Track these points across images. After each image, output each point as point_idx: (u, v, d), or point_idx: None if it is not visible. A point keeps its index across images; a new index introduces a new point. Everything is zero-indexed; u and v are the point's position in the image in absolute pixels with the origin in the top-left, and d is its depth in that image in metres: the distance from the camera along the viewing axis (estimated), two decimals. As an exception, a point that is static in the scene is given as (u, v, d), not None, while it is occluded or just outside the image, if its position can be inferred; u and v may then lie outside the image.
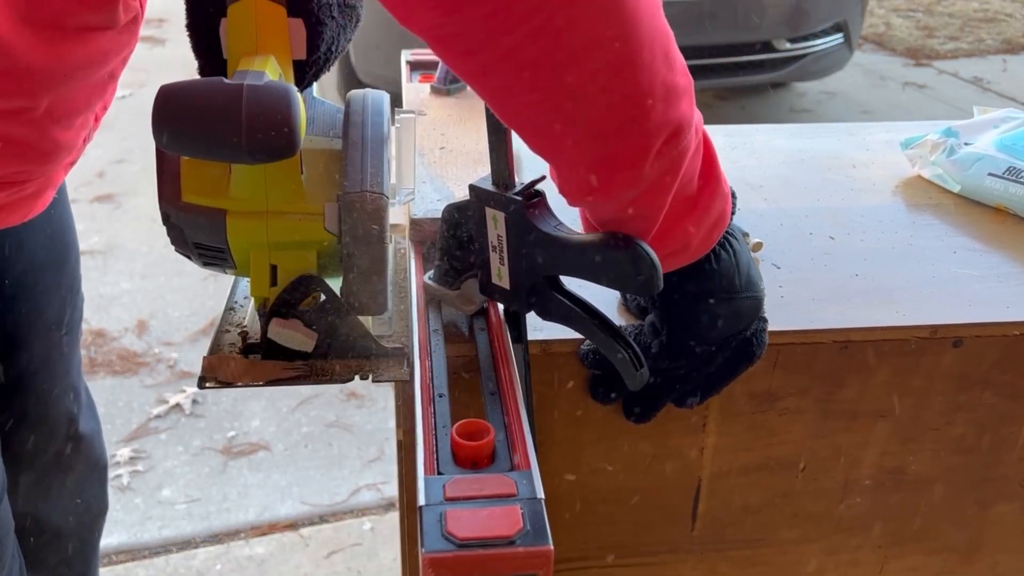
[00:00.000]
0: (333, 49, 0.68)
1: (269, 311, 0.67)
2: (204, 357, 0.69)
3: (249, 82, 0.56)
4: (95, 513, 1.11)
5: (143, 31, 0.77)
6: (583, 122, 0.53)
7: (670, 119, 0.54)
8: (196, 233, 0.67)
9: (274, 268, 0.67)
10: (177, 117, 0.56)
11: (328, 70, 0.70)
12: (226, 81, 0.57)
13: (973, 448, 0.79)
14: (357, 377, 0.67)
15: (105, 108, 0.81)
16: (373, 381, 0.67)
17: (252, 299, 0.73)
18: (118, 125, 3.53)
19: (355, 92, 0.69)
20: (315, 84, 0.73)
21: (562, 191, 0.59)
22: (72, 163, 0.80)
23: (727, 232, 0.64)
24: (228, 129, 0.55)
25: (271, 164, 0.63)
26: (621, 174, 0.54)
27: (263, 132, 0.56)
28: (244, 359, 0.68)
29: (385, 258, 0.66)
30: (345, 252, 0.65)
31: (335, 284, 0.68)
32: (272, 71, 0.61)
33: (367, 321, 0.71)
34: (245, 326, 0.73)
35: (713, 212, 0.61)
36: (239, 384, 0.67)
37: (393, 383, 0.70)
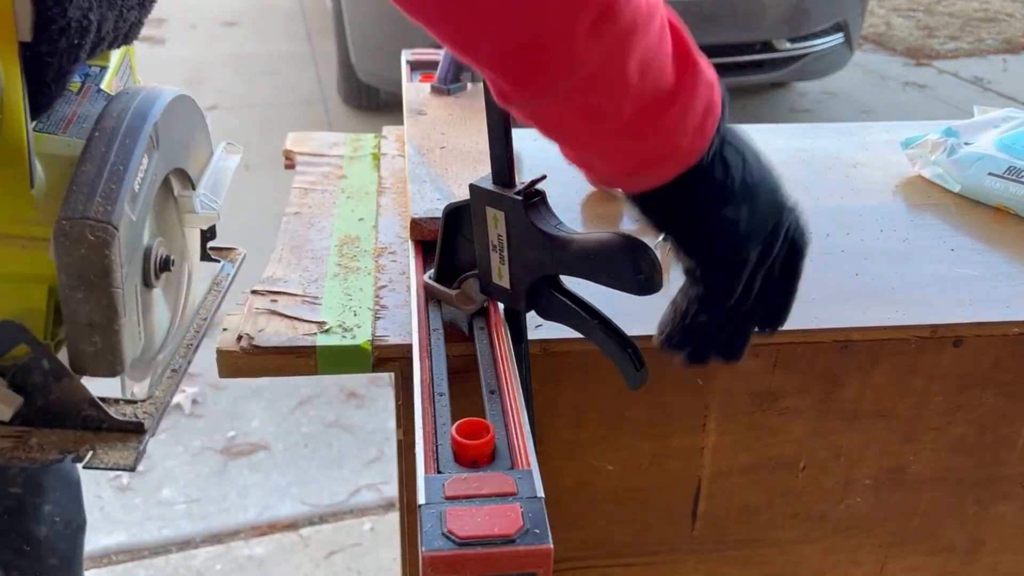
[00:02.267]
0: (87, 25, 0.51)
1: None
2: None
3: None
4: (75, 529, 1.09)
5: (143, 31, 0.75)
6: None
7: None
8: None
9: None
10: None
11: (95, 51, 0.53)
12: None
13: (973, 448, 0.79)
14: (69, 458, 0.53)
15: None
16: (85, 467, 0.52)
17: None
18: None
19: (125, 90, 0.54)
20: (111, 74, 0.57)
21: (499, 95, 0.53)
22: None
23: (725, 132, 0.59)
24: None
25: None
26: (550, 58, 0.50)
27: None
28: None
29: (115, 305, 0.52)
30: (63, 295, 0.50)
31: None
32: None
33: (120, 381, 0.57)
34: None
35: (698, 105, 0.56)
36: None
37: (392, 385, 0.68)
